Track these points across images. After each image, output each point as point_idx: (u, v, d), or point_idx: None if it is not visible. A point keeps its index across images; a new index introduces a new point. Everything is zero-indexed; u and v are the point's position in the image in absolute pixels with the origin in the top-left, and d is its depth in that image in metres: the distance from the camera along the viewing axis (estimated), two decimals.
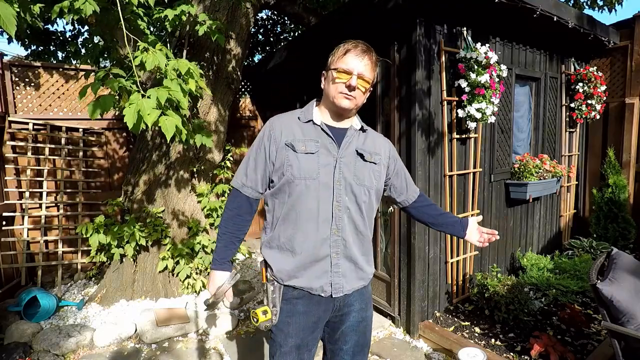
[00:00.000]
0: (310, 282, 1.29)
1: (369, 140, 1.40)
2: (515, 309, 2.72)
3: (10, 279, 3.68)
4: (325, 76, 1.35)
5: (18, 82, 3.82)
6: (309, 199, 1.27)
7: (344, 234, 1.30)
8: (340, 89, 1.28)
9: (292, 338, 1.32)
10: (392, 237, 2.97)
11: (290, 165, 1.27)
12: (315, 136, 1.31)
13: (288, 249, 1.30)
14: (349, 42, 1.31)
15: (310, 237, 1.28)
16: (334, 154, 1.30)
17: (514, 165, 3.44)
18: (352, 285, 1.35)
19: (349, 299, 1.36)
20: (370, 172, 1.36)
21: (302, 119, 1.35)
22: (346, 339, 1.40)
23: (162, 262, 3.43)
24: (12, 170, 3.74)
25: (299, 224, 1.28)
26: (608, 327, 1.78)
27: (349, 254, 1.32)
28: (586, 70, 3.88)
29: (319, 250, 1.28)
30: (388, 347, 2.73)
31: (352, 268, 1.34)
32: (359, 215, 1.33)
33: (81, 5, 1.75)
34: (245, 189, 1.36)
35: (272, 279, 1.33)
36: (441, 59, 2.75)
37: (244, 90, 5.28)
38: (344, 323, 1.39)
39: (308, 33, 3.93)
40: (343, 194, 1.29)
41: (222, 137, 3.81)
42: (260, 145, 1.34)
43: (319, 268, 1.29)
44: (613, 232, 3.89)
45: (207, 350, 2.81)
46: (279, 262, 1.31)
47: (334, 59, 1.31)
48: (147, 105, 1.69)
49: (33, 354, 2.70)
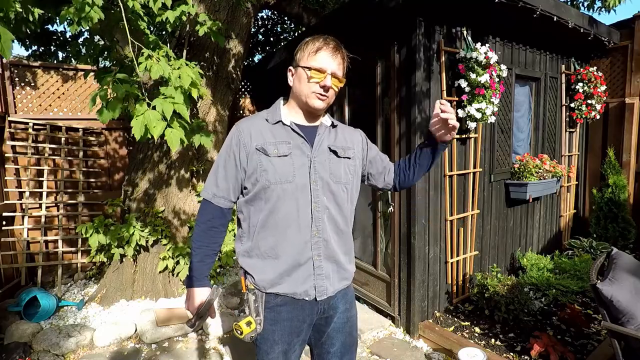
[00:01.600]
0: (294, 287, 1.26)
1: (340, 135, 1.36)
2: (515, 309, 2.72)
3: (10, 279, 3.68)
4: (293, 73, 1.29)
5: (18, 82, 3.82)
6: (287, 203, 1.23)
7: (324, 235, 1.27)
8: (314, 89, 1.23)
9: (278, 345, 1.29)
10: (392, 237, 2.97)
11: (265, 170, 1.22)
12: (286, 137, 1.26)
13: (270, 256, 1.25)
14: (317, 38, 1.25)
15: (292, 242, 1.24)
16: (307, 154, 1.26)
17: (514, 165, 3.44)
18: (336, 286, 1.32)
19: (333, 301, 1.33)
20: (346, 167, 1.33)
21: (270, 120, 1.29)
22: (333, 341, 1.37)
23: (163, 262, 3.43)
24: (12, 170, 3.74)
25: (279, 230, 1.24)
26: (608, 327, 1.78)
27: (331, 254, 1.29)
28: (586, 70, 3.88)
29: (301, 255, 1.25)
30: (388, 347, 2.73)
31: (335, 269, 1.31)
32: (338, 214, 1.30)
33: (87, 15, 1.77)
34: (217, 199, 1.29)
35: (252, 288, 1.27)
36: (441, 59, 2.75)
37: (244, 90, 5.28)
38: (329, 325, 1.36)
39: (308, 33, 3.93)
40: (321, 193, 1.26)
41: (222, 137, 3.81)
42: (229, 152, 1.27)
43: (303, 272, 1.26)
44: (613, 232, 3.89)
45: (207, 350, 2.81)
46: (261, 271, 1.26)
47: (303, 55, 1.25)
48: (153, 117, 1.75)
49: (33, 354, 2.70)
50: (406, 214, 2.82)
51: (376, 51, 2.98)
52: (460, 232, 3.06)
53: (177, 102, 1.84)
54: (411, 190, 2.74)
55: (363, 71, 3.12)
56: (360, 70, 3.28)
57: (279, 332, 1.28)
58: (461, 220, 3.07)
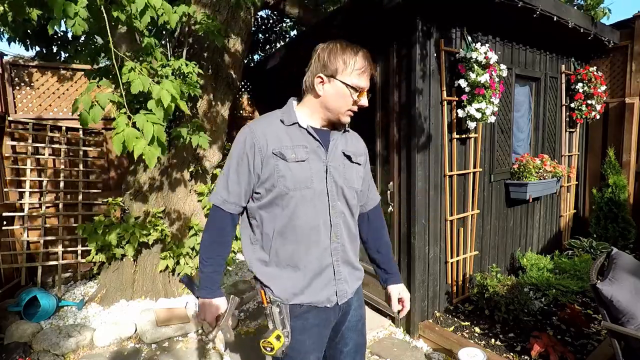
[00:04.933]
0: (316, 296, 1.23)
1: (350, 141, 1.36)
2: (515, 309, 2.72)
3: (10, 279, 3.68)
4: (324, 82, 1.22)
5: (18, 82, 3.82)
6: (306, 209, 1.20)
7: (342, 240, 1.27)
8: (350, 107, 1.23)
9: (311, 354, 1.25)
10: (392, 237, 2.97)
11: (283, 176, 1.18)
12: (303, 141, 1.22)
13: (289, 265, 1.22)
14: (357, 52, 1.21)
15: (313, 249, 1.22)
16: (323, 159, 1.24)
17: (514, 165, 3.44)
18: (353, 287, 1.34)
19: (349, 300, 1.34)
20: (357, 173, 1.33)
21: (286, 122, 1.24)
22: (346, 340, 1.37)
23: (163, 262, 3.43)
24: (12, 170, 3.74)
25: (299, 238, 1.20)
26: (608, 327, 1.78)
27: (347, 258, 1.30)
28: (586, 70, 3.87)
29: (321, 261, 1.23)
30: (388, 347, 2.73)
31: (351, 271, 1.33)
32: (351, 218, 1.32)
33: (71, 28, 1.86)
34: (228, 205, 1.24)
35: (275, 300, 1.22)
36: (441, 59, 2.75)
37: (244, 90, 5.27)
38: (343, 324, 1.35)
39: (308, 33, 3.94)
40: (336, 199, 1.25)
41: (222, 137, 3.81)
42: (241, 155, 1.21)
43: (324, 279, 1.24)
44: (613, 232, 3.89)
45: (207, 350, 2.81)
46: (281, 282, 1.22)
47: (345, 69, 1.19)
48: (132, 135, 1.84)
49: (33, 354, 2.70)
50: (406, 214, 2.82)
51: (376, 52, 2.98)
52: (460, 232, 3.06)
53: (157, 122, 1.90)
54: (411, 190, 2.74)
55: None
56: None
57: (309, 340, 1.25)
58: (461, 220, 3.07)
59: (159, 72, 2.62)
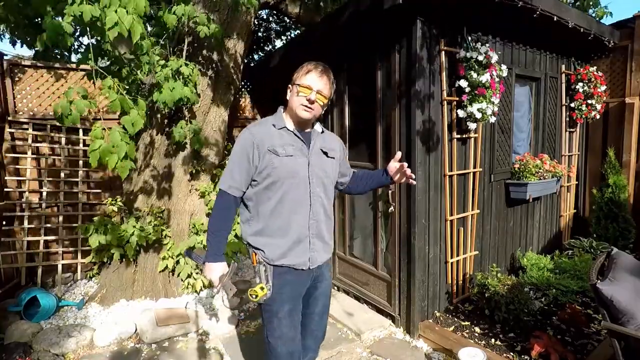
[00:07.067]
0: (295, 260, 1.59)
1: (327, 139, 1.73)
2: (515, 309, 2.72)
3: (10, 279, 3.68)
4: (290, 89, 1.62)
5: (18, 82, 3.81)
6: (293, 193, 1.56)
7: (318, 218, 1.63)
8: (302, 102, 1.54)
9: (286, 303, 1.59)
10: (392, 237, 2.97)
11: (276, 167, 1.53)
12: (290, 141, 1.59)
13: (278, 235, 1.57)
14: (310, 63, 1.59)
15: (297, 224, 1.58)
16: (306, 154, 1.60)
17: (514, 165, 3.44)
18: (323, 258, 1.70)
19: (321, 269, 1.72)
20: (332, 165, 1.70)
21: (277, 126, 1.60)
22: (317, 302, 1.76)
23: (163, 262, 3.43)
24: (12, 170, 3.74)
25: (286, 214, 1.57)
26: (608, 327, 1.78)
27: (320, 233, 1.65)
28: (586, 70, 3.88)
29: (302, 234, 1.59)
30: (388, 347, 2.74)
31: (323, 244, 1.68)
32: (327, 201, 1.68)
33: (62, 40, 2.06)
34: (233, 190, 1.58)
35: (262, 261, 1.58)
36: (441, 59, 2.75)
37: (244, 90, 5.27)
38: (317, 289, 1.74)
39: (308, 33, 3.93)
40: (316, 185, 1.61)
41: (222, 137, 3.81)
42: (243, 152, 1.56)
43: (301, 248, 1.60)
44: (613, 232, 3.89)
45: (207, 350, 2.81)
46: (270, 247, 1.58)
47: (298, 75, 1.58)
48: (106, 151, 2.12)
49: (33, 354, 2.70)
50: (406, 214, 2.82)
51: (376, 52, 2.98)
52: (460, 232, 3.07)
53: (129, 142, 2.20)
54: (411, 190, 2.74)
55: (363, 73, 3.12)
56: (360, 72, 3.28)
57: (286, 293, 1.59)
58: (461, 220, 3.07)
59: (157, 75, 2.76)
